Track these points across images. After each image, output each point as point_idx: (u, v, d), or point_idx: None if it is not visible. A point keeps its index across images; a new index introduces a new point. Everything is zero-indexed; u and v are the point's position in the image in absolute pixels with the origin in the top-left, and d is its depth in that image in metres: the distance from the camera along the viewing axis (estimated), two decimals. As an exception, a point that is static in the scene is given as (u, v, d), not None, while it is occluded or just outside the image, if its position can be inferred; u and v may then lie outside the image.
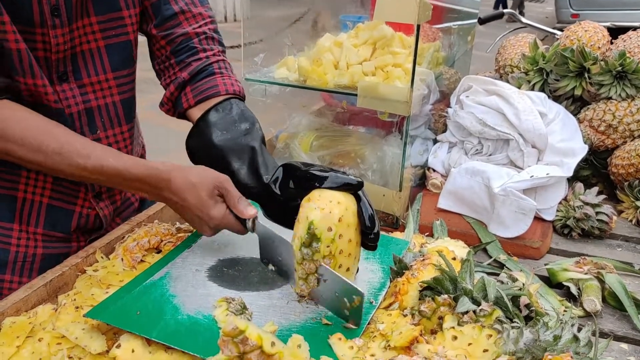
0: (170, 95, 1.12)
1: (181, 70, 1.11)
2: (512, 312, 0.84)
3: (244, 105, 1.09)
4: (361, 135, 1.47)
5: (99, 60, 1.06)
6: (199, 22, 1.13)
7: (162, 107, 1.15)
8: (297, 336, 0.72)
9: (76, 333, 0.82)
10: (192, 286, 0.93)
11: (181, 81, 1.10)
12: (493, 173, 1.30)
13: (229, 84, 1.09)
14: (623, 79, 1.47)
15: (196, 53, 1.11)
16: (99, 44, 1.05)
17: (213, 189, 0.94)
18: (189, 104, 1.09)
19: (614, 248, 1.28)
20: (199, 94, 1.08)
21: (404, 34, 1.39)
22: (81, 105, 1.05)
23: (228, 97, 1.08)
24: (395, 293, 0.92)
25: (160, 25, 1.11)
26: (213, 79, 1.09)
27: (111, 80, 1.08)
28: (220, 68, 1.11)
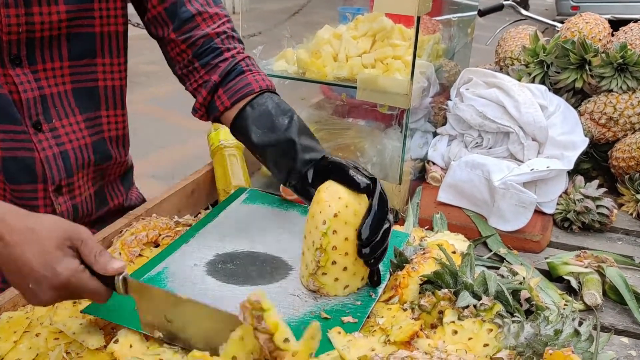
0: (203, 100, 1.08)
1: (208, 73, 1.08)
2: (513, 306, 0.83)
3: (278, 98, 1.06)
4: (361, 128, 1.46)
5: (57, 47, 1.01)
6: (217, 22, 1.10)
7: (195, 113, 1.12)
8: (315, 324, 0.69)
9: (73, 328, 0.82)
10: (190, 281, 0.92)
11: (212, 85, 1.06)
12: (493, 166, 1.30)
13: (260, 80, 1.07)
14: (624, 71, 1.46)
15: (221, 54, 1.08)
16: (61, 32, 1.00)
17: (63, 240, 0.73)
18: (225, 106, 1.06)
19: (615, 241, 1.27)
20: (233, 95, 1.05)
21: (403, 26, 1.38)
22: (37, 92, 1.01)
23: (261, 92, 1.05)
24: (396, 286, 0.92)
25: (179, 29, 1.07)
26: (244, 77, 1.06)
27: (66, 68, 1.04)
28: (248, 65, 1.09)
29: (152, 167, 4.33)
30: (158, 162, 4.44)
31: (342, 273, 0.89)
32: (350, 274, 0.90)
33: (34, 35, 0.97)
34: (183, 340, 0.77)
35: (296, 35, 1.51)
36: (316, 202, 0.90)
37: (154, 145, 4.72)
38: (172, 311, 0.76)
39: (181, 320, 0.76)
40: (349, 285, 0.91)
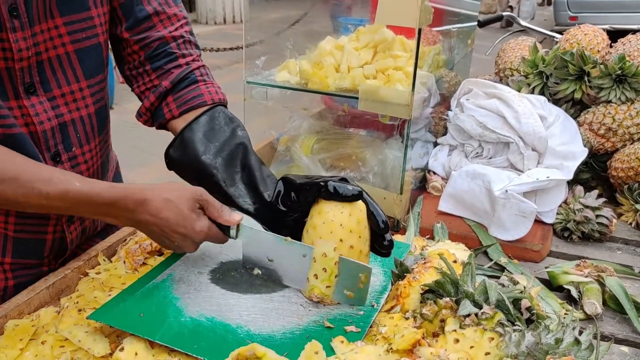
0: (150, 105, 1.05)
1: (159, 78, 1.04)
2: (514, 315, 0.84)
3: (230, 113, 1.04)
4: (362, 138, 1.47)
5: (69, 67, 0.96)
6: (175, 24, 1.05)
7: (139, 117, 1.08)
8: (316, 342, 0.73)
9: (79, 336, 0.82)
10: (194, 289, 0.93)
11: (162, 90, 1.03)
12: (493, 176, 1.31)
13: (214, 92, 1.04)
14: (623, 82, 1.48)
15: (175, 59, 1.04)
16: (67, 48, 0.94)
17: (193, 203, 0.90)
18: (172, 115, 1.03)
19: (614, 251, 1.28)
20: (184, 104, 1.02)
21: (405, 37, 1.39)
22: (54, 121, 0.95)
23: (213, 106, 1.03)
24: (397, 296, 0.93)
25: (133, 27, 1.02)
26: (197, 87, 1.04)
27: (85, 89, 0.99)
28: (202, 75, 1.06)
29: (153, 175, 4.34)
30: (159, 170, 4.45)
31: None
32: None
33: (42, 57, 0.92)
34: (277, 277, 0.95)
35: (297, 44, 1.53)
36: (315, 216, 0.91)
37: (153, 154, 4.73)
38: (273, 252, 0.93)
39: (281, 260, 0.93)
40: None
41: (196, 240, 0.92)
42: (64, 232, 1.04)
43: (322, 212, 0.90)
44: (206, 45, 7.25)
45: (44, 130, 0.94)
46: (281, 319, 0.87)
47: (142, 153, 4.75)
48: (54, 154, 0.97)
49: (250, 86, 1.41)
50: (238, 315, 0.87)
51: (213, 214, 0.92)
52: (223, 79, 7.41)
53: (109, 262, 1.05)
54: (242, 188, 0.98)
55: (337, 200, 0.90)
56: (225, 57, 7.04)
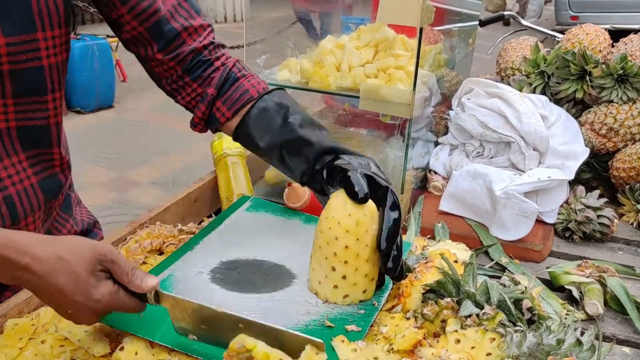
0: (202, 115, 1.06)
1: (202, 86, 1.05)
2: (515, 316, 0.84)
3: (278, 98, 1.04)
4: (363, 138, 1.47)
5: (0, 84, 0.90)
6: (202, 34, 1.06)
7: (194, 127, 1.10)
8: (311, 349, 0.72)
9: (79, 335, 0.82)
10: (194, 288, 0.93)
11: (210, 98, 1.04)
12: (495, 176, 1.30)
13: (256, 84, 1.06)
14: (624, 82, 1.48)
15: (211, 64, 1.06)
16: (2, 67, 0.88)
17: (93, 264, 0.73)
18: (226, 117, 1.05)
19: (615, 251, 1.28)
20: (233, 105, 1.04)
21: (406, 37, 1.39)
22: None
23: (260, 96, 1.04)
24: (398, 295, 0.92)
25: (165, 48, 1.02)
26: (240, 84, 1.05)
27: (10, 106, 0.92)
28: (240, 70, 1.07)
29: (153, 174, 4.34)
30: (159, 169, 4.45)
31: (341, 281, 0.90)
32: (350, 283, 0.90)
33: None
34: (219, 343, 0.79)
35: (297, 43, 1.52)
36: (324, 209, 0.91)
37: (154, 152, 4.73)
38: (206, 321, 0.78)
39: (215, 327, 0.78)
40: (348, 295, 0.91)
41: (95, 310, 0.74)
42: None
43: (329, 205, 0.90)
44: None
45: None
46: (282, 319, 0.87)
47: (142, 151, 4.75)
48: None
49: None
50: (238, 314, 0.87)
51: (122, 278, 0.75)
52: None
53: (109, 261, 1.04)
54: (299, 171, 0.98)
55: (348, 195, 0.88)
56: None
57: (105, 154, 4.53)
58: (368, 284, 0.92)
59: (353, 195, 0.87)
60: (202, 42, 1.05)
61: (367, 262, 0.90)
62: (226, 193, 1.35)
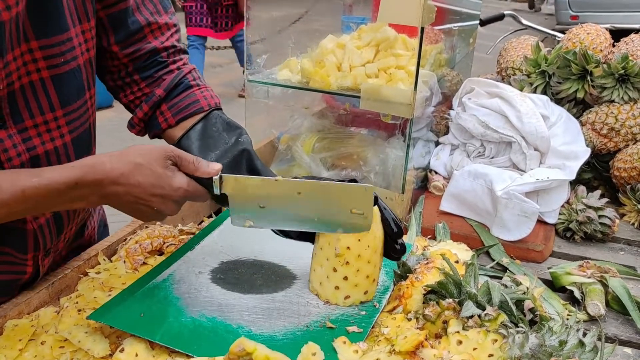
0: (143, 115, 1.00)
1: (150, 86, 0.99)
2: (517, 317, 0.83)
3: (227, 117, 1.00)
4: (363, 137, 1.46)
5: (44, 95, 0.85)
6: (165, 33, 1.00)
7: (132, 128, 1.03)
8: (313, 344, 0.72)
9: (79, 336, 0.82)
10: (195, 288, 0.93)
11: (156, 100, 0.98)
12: (495, 176, 1.30)
13: (209, 97, 1.00)
14: (625, 82, 1.47)
15: (166, 66, 1.00)
16: (42, 74, 0.83)
17: (165, 160, 0.81)
18: (168, 124, 0.98)
19: (617, 251, 1.28)
20: (180, 112, 0.98)
21: (407, 36, 1.38)
22: (25, 155, 0.84)
23: (210, 111, 0.99)
24: (399, 296, 0.92)
25: (124, 41, 0.96)
26: (191, 93, 0.99)
27: (60, 118, 0.88)
28: (195, 79, 1.01)
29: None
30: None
31: (342, 282, 0.89)
32: (351, 284, 0.90)
33: (14, 87, 0.81)
34: (274, 222, 0.88)
35: (298, 42, 1.52)
36: None
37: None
38: (265, 196, 0.84)
39: (275, 203, 0.85)
40: (349, 296, 0.91)
41: (177, 200, 0.83)
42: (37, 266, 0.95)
43: None
44: (207, 43, 7.25)
45: (12, 167, 0.83)
46: (282, 319, 0.87)
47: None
48: None
49: (251, 85, 1.40)
50: (239, 315, 0.87)
51: (189, 168, 0.83)
52: (223, 77, 7.36)
53: (109, 261, 1.04)
54: None
55: None
56: (225, 55, 7.03)
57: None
58: (369, 285, 0.92)
59: None
60: (163, 42, 1.00)
61: (368, 263, 0.89)
62: (226, 193, 1.34)
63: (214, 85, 6.07)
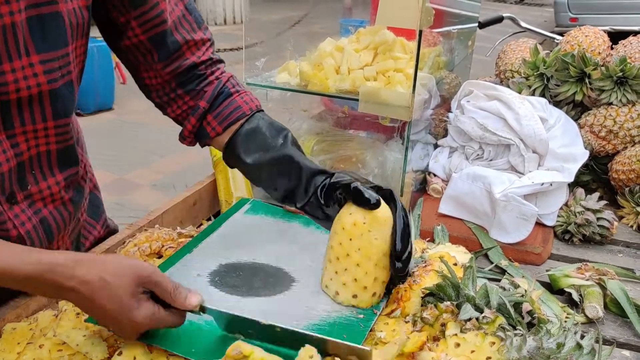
0: (192, 128, 1.04)
1: (194, 99, 1.03)
2: (515, 319, 0.83)
3: (268, 117, 1.04)
4: (362, 140, 1.47)
5: (39, 107, 0.86)
6: (201, 48, 1.04)
7: (183, 140, 1.08)
8: (309, 347, 0.72)
9: (77, 340, 0.82)
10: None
11: (201, 112, 1.02)
12: (494, 178, 1.30)
13: (250, 101, 1.04)
14: (624, 84, 1.47)
15: (205, 78, 1.04)
16: (41, 88, 0.85)
17: (135, 287, 0.75)
18: (216, 132, 1.03)
19: (615, 254, 1.28)
20: (224, 120, 1.02)
21: (405, 39, 1.39)
22: (13, 161, 0.86)
23: (252, 114, 1.03)
24: (397, 299, 0.92)
25: (165, 59, 1.00)
26: (232, 100, 1.03)
27: (51, 129, 0.90)
28: (234, 86, 1.06)
29: (152, 176, 4.33)
30: (158, 171, 4.45)
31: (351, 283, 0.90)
32: (360, 286, 0.91)
33: (9, 97, 0.82)
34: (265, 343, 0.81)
35: (297, 45, 1.52)
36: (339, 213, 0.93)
37: (154, 154, 4.73)
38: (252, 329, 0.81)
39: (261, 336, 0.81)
40: (357, 296, 0.91)
41: (136, 329, 0.77)
42: None
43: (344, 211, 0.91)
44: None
45: (1, 173, 0.85)
46: (280, 322, 0.86)
47: (142, 153, 4.75)
48: (9, 195, 0.88)
49: (250, 87, 1.40)
50: (237, 318, 0.87)
51: (165, 297, 0.78)
52: (223, 80, 7.30)
53: (108, 264, 1.04)
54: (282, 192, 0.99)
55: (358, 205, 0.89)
56: (225, 57, 7.04)
57: (104, 156, 4.53)
58: (377, 287, 0.92)
59: (364, 202, 0.88)
60: (200, 57, 1.04)
61: (376, 265, 0.90)
62: (225, 196, 1.34)
63: (213, 88, 6.18)
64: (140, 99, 1.18)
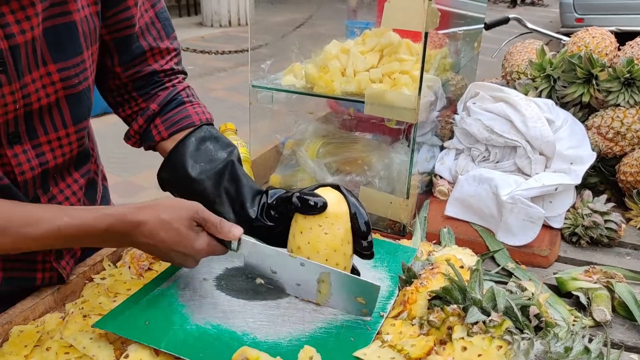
0: (138, 128, 1.05)
1: (146, 102, 1.04)
2: (522, 323, 0.83)
3: (216, 132, 1.04)
4: (368, 142, 1.46)
5: (59, 114, 0.92)
6: (165, 57, 1.05)
7: (128, 140, 1.08)
8: (309, 348, 0.72)
9: (84, 342, 0.82)
10: (200, 295, 0.93)
11: (151, 114, 1.03)
12: (501, 180, 1.30)
13: (201, 113, 1.05)
14: (631, 85, 1.47)
15: (162, 84, 1.05)
16: (59, 95, 0.90)
17: (190, 221, 0.86)
18: (162, 137, 1.03)
19: (623, 256, 1.27)
20: (172, 126, 1.02)
21: (411, 41, 1.38)
22: (37, 170, 0.91)
23: (200, 126, 1.03)
24: (404, 302, 0.92)
25: (126, 63, 1.01)
26: (184, 108, 1.04)
27: (72, 134, 0.95)
28: (188, 96, 1.06)
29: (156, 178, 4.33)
30: (164, 173, 4.45)
31: None
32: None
33: (31, 107, 0.87)
34: (281, 287, 0.95)
35: (303, 47, 1.52)
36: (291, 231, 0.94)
37: (160, 156, 4.74)
38: (277, 265, 0.93)
39: (286, 272, 0.93)
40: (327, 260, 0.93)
41: (197, 258, 0.90)
42: (55, 269, 0.98)
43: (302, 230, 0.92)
44: (211, 48, 7.25)
45: (24, 180, 0.90)
46: (287, 326, 0.87)
47: (145, 156, 4.74)
48: (32, 199, 0.93)
49: (255, 90, 1.40)
50: (244, 322, 0.87)
51: (212, 229, 0.89)
52: (228, 82, 7.40)
53: (114, 267, 1.04)
54: (228, 205, 0.98)
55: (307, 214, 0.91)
56: (230, 59, 7.04)
57: (110, 159, 4.54)
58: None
59: (311, 209, 0.90)
60: (163, 65, 1.04)
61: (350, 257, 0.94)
62: (231, 198, 1.34)
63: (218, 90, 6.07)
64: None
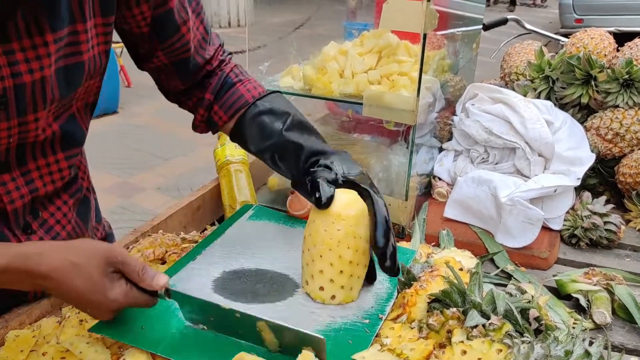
0: (201, 117, 1.10)
1: (202, 91, 1.09)
2: (522, 326, 0.82)
3: (270, 104, 1.06)
4: (366, 144, 1.46)
5: (49, 144, 0.91)
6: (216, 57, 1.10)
7: (195, 129, 1.14)
8: (307, 352, 0.72)
9: (80, 347, 0.81)
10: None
11: (207, 103, 1.09)
12: (500, 182, 1.29)
13: (252, 89, 1.08)
14: (630, 87, 1.46)
15: (212, 72, 1.10)
16: (53, 128, 0.89)
17: (106, 266, 0.77)
18: (223, 120, 1.08)
19: (623, 258, 1.26)
20: (229, 109, 1.07)
21: (409, 42, 1.38)
22: (27, 197, 0.90)
23: (254, 101, 1.07)
24: (404, 304, 0.91)
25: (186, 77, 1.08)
26: (236, 89, 1.08)
27: (62, 160, 0.94)
28: (237, 75, 1.10)
29: (157, 179, 4.34)
30: (163, 174, 4.45)
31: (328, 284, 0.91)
32: (337, 286, 0.91)
33: (26, 141, 0.86)
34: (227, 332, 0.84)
35: (301, 48, 1.52)
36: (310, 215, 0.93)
37: (158, 157, 4.74)
38: (213, 315, 0.83)
39: (222, 320, 0.82)
40: (335, 296, 0.92)
41: (111, 308, 0.79)
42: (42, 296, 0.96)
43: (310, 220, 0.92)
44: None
45: (14, 209, 0.88)
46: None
47: (147, 156, 4.76)
48: (24, 227, 0.92)
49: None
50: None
51: (133, 277, 0.79)
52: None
53: (112, 270, 1.04)
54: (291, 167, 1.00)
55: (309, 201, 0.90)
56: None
57: (109, 159, 4.54)
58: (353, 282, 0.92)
59: (316, 201, 0.88)
60: (214, 65, 1.09)
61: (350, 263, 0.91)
62: (229, 201, 1.34)
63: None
64: (145, 103, 1.18)
